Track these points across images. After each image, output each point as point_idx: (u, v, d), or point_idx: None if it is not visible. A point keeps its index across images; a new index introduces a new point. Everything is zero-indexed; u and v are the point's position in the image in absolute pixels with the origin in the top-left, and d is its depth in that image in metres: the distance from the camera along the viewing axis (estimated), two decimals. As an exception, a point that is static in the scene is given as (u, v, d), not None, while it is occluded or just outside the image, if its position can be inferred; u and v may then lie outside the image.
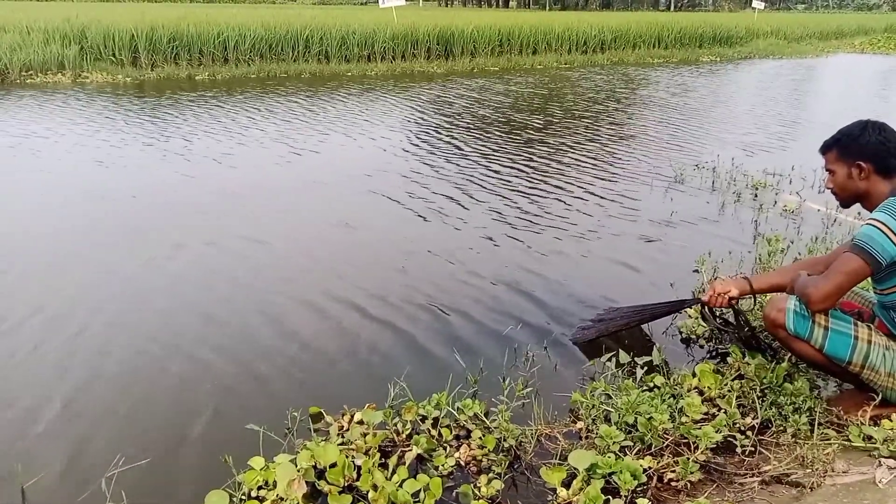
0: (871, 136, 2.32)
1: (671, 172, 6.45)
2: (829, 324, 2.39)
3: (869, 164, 2.33)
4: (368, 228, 4.86)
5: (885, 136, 2.32)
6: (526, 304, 3.63)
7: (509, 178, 6.22)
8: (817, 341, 2.39)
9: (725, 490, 2.18)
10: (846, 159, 2.38)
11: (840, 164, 2.41)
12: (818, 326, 2.39)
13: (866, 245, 2.21)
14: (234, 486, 2.16)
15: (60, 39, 13.54)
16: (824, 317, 2.40)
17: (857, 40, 26.48)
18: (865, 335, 2.36)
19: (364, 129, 8.51)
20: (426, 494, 2.06)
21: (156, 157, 6.88)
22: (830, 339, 2.38)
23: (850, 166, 2.37)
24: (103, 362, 3.01)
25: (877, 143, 2.31)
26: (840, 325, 2.39)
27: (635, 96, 11.95)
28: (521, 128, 8.77)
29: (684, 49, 21.22)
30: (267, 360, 3.07)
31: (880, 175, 2.33)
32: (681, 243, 4.55)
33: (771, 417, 2.47)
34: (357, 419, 2.51)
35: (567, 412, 2.66)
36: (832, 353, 2.39)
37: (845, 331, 2.38)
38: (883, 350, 2.34)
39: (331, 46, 15.72)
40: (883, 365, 2.34)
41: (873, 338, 2.36)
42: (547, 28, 18.71)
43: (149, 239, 4.53)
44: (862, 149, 2.34)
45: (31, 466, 2.33)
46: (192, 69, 14.00)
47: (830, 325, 2.39)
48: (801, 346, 2.45)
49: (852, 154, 2.36)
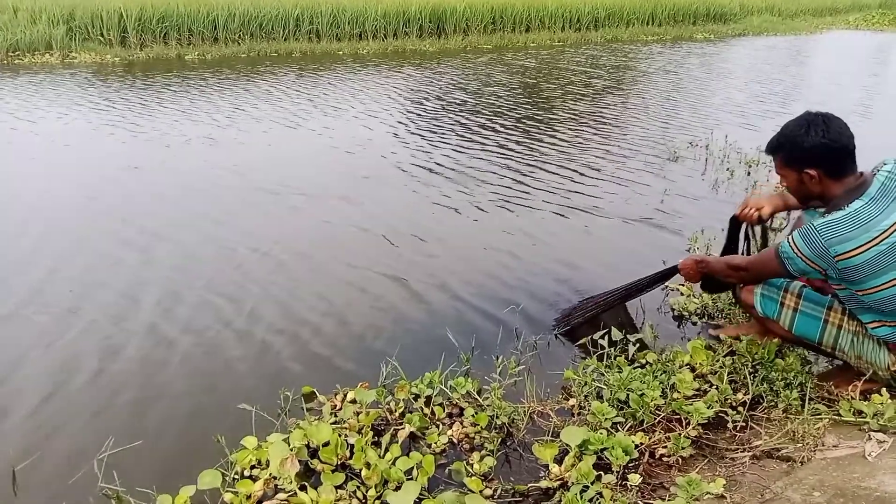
0: (815, 137, 2.13)
1: (665, 150, 6.43)
2: (798, 305, 2.43)
3: (818, 171, 2.16)
4: (360, 205, 4.83)
5: (830, 136, 2.12)
6: (518, 284, 3.62)
7: (498, 159, 6.19)
8: (785, 323, 2.43)
9: (717, 465, 2.19)
10: (793, 167, 2.23)
11: (788, 171, 2.26)
12: (786, 308, 2.44)
13: (783, 256, 2.24)
14: (226, 466, 2.16)
15: (48, 19, 13.32)
16: (795, 298, 2.44)
17: (851, 16, 26.33)
18: (837, 320, 2.38)
19: (357, 106, 8.44)
20: (419, 472, 2.07)
21: (138, 141, 6.82)
22: (798, 321, 2.42)
23: (798, 173, 2.22)
24: (94, 345, 3.00)
25: (822, 147, 2.13)
26: (811, 307, 2.42)
27: (628, 74, 11.88)
28: (512, 108, 8.71)
29: (678, 26, 21.04)
30: (258, 339, 3.06)
31: (833, 179, 2.17)
32: (674, 223, 4.55)
33: (762, 393, 2.49)
34: (350, 398, 2.51)
35: (559, 389, 2.67)
36: (801, 334, 2.43)
37: (815, 314, 2.41)
38: (851, 336, 2.36)
39: (321, 25, 15.52)
40: (852, 349, 2.37)
41: (844, 323, 2.37)
42: (540, 5, 18.52)
43: (137, 224, 4.50)
44: (808, 155, 2.16)
45: (22, 449, 2.33)
46: (181, 49, 13.81)
47: (801, 307, 2.43)
48: (772, 325, 2.51)
49: (798, 162, 2.20)
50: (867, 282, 2.13)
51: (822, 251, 2.11)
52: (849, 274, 2.13)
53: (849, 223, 2.07)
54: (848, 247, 2.07)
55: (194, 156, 6.23)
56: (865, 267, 2.09)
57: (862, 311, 2.29)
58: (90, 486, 2.14)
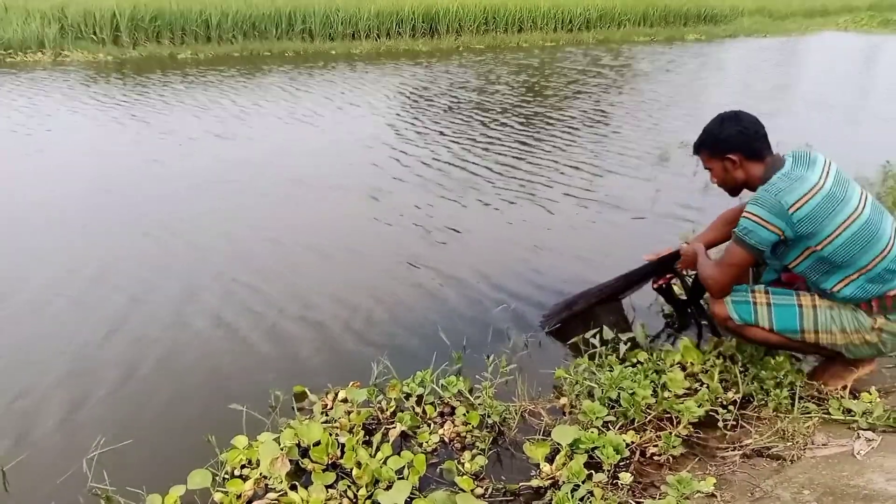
0: (729, 128, 2.43)
1: (656, 150, 6.44)
2: (770, 300, 2.44)
3: (737, 155, 2.42)
4: (352, 204, 4.83)
5: (742, 125, 2.42)
6: (509, 283, 3.63)
7: (489, 156, 6.19)
8: (764, 321, 2.43)
9: (707, 464, 2.20)
10: (716, 157, 2.48)
11: (713, 162, 2.51)
12: (760, 306, 2.44)
13: (746, 237, 2.32)
14: (217, 466, 2.16)
15: (40, 18, 13.25)
16: (764, 294, 2.45)
17: (841, 18, 26.45)
18: (808, 301, 2.41)
19: (363, 104, 8.44)
20: (410, 471, 2.07)
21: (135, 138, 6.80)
22: (776, 315, 2.42)
23: (722, 161, 2.47)
24: (82, 345, 2.98)
25: (737, 134, 2.41)
26: (781, 298, 2.44)
27: (620, 74, 11.91)
28: (506, 107, 8.72)
29: (669, 27, 21.11)
30: (249, 339, 3.05)
31: (751, 161, 2.42)
32: (665, 222, 4.56)
33: (753, 392, 2.50)
34: (341, 397, 2.51)
35: (551, 388, 2.67)
36: (783, 328, 2.42)
37: (788, 302, 2.42)
38: (828, 311, 2.37)
39: (314, 24, 15.50)
40: (833, 324, 2.36)
41: (816, 302, 2.39)
42: (533, 6, 18.54)
43: (136, 222, 4.48)
44: (726, 143, 2.43)
45: (11, 448, 2.32)
46: (174, 48, 13.75)
47: (772, 300, 2.44)
48: (753, 331, 2.48)
49: (720, 150, 2.46)
50: (822, 231, 2.22)
51: (776, 207, 2.23)
52: (804, 226, 2.22)
53: (787, 179, 2.26)
54: (796, 195, 2.22)
55: (206, 151, 6.31)
56: (817, 214, 2.20)
57: (825, 277, 2.32)
58: (79, 486, 2.13)
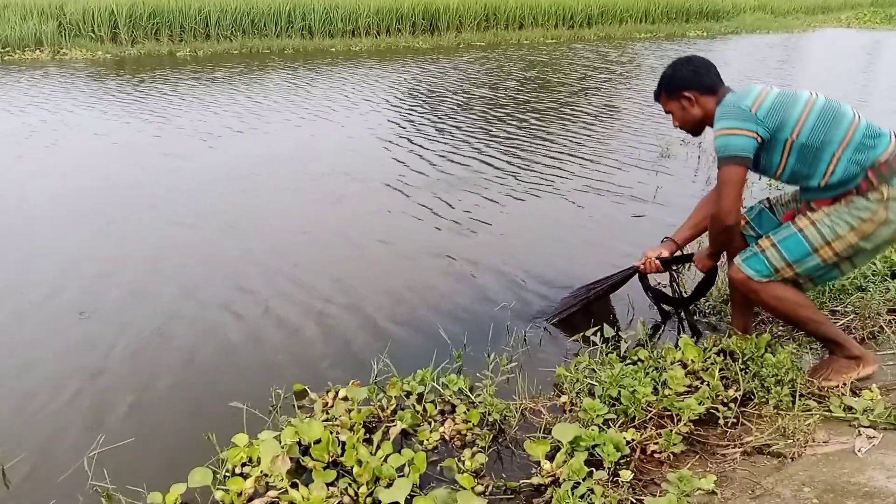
0: (683, 69, 2.59)
1: (657, 147, 6.44)
2: (772, 240, 2.46)
3: (693, 92, 2.56)
4: (349, 202, 4.82)
5: (694, 65, 2.58)
6: (510, 281, 3.62)
7: (489, 155, 6.19)
8: (778, 260, 2.43)
9: (708, 461, 2.20)
10: (674, 97, 2.62)
11: (672, 103, 2.65)
12: (767, 250, 2.45)
13: (727, 152, 2.38)
14: (217, 464, 2.15)
15: (38, 15, 13.24)
16: (766, 239, 2.48)
17: (843, 14, 26.44)
18: (805, 222, 2.41)
19: (371, 99, 8.44)
20: (411, 469, 2.06)
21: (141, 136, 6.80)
22: (784, 248, 2.42)
23: (679, 100, 2.60)
24: (82, 343, 2.98)
25: (690, 73, 2.57)
26: (781, 232, 2.46)
27: (621, 71, 11.89)
28: (506, 104, 8.71)
29: (671, 23, 21.10)
30: (250, 337, 3.05)
31: (706, 95, 2.55)
32: (666, 220, 4.55)
33: (753, 389, 2.49)
34: (342, 395, 2.51)
35: (551, 386, 2.67)
36: (797, 258, 2.40)
37: (788, 233, 2.44)
38: (826, 220, 2.37)
39: (314, 21, 15.48)
40: (838, 226, 2.35)
41: (813, 217, 2.40)
42: (534, 2, 18.52)
43: (137, 220, 4.48)
44: (681, 82, 2.58)
45: (12, 447, 2.31)
46: (173, 45, 13.75)
47: (774, 239, 2.46)
48: (775, 289, 2.46)
49: (676, 89, 2.60)
50: (789, 119, 2.33)
51: (739, 113, 2.36)
52: (771, 119, 2.33)
53: (737, 94, 2.45)
54: (751, 98, 2.38)
55: (225, 146, 6.40)
56: (777, 106, 2.34)
57: (814, 167, 2.34)
58: (80, 484, 2.13)
